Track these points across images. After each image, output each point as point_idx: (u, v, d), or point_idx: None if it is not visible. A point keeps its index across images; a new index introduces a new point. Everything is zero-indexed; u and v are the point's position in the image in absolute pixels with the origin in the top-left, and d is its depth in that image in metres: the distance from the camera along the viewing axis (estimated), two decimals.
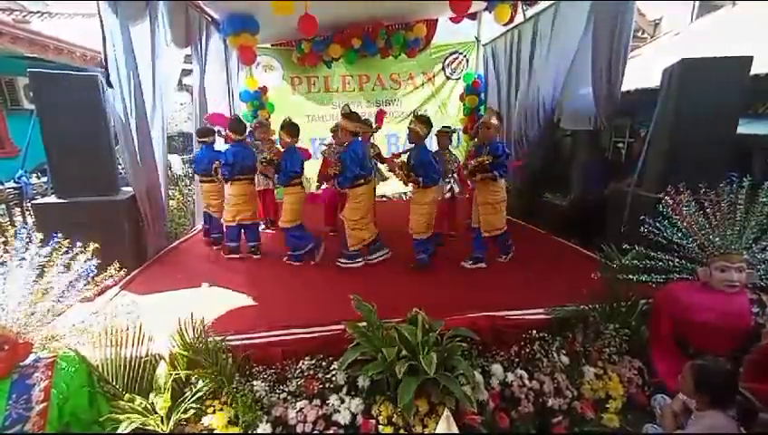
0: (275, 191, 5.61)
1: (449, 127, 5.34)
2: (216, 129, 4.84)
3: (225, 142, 4.76)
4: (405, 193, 7.44)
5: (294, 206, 4.08)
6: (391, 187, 7.31)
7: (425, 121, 3.80)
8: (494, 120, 3.79)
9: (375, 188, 4.69)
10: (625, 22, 3.92)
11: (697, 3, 8.24)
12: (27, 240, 2.12)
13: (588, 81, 4.48)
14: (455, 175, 4.85)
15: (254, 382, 2.38)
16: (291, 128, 4.05)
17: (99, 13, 3.48)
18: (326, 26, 6.27)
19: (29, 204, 4.93)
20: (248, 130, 4.86)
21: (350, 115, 3.87)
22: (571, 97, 5.00)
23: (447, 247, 4.50)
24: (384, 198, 6.00)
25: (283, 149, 4.26)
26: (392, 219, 5.65)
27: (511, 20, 5.66)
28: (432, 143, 4.77)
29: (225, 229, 4.45)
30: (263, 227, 5.44)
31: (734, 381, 1.91)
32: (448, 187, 4.79)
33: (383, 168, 5.46)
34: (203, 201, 4.98)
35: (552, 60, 5.34)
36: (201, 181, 4.84)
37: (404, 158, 4.15)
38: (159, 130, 4.47)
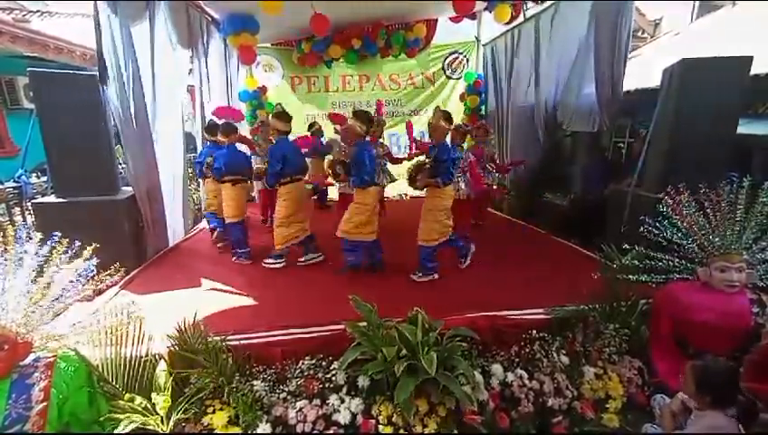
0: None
1: (467, 124, 5.32)
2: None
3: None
4: (406, 194, 7.44)
5: (229, 202, 4.20)
6: (397, 188, 7.32)
7: (363, 118, 3.63)
8: (441, 123, 3.50)
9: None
10: (625, 21, 3.92)
11: (697, 3, 8.24)
12: (27, 240, 2.12)
13: (589, 81, 4.48)
14: (466, 174, 4.59)
15: (254, 382, 2.38)
16: (223, 128, 4.32)
17: (95, 11, 3.47)
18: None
19: (29, 203, 4.93)
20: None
21: (280, 115, 4.01)
22: (575, 98, 4.96)
23: (446, 248, 4.49)
24: (386, 199, 6.02)
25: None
26: (393, 220, 5.68)
27: (512, 20, 5.67)
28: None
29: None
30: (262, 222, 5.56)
31: (735, 381, 1.91)
32: (457, 186, 4.49)
33: (392, 168, 5.48)
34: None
35: (553, 60, 5.34)
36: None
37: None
38: (172, 129, 4.54)
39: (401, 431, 2.23)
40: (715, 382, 1.86)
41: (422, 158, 4.09)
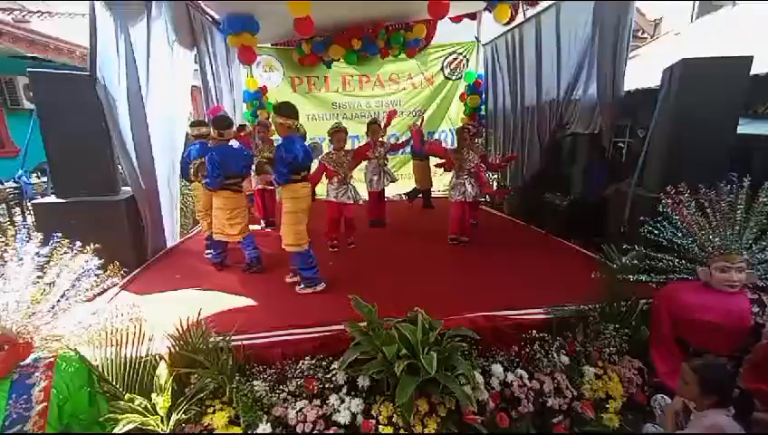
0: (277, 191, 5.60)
1: (472, 124, 5.28)
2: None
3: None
4: (403, 194, 7.45)
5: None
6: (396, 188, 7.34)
7: (196, 123, 3.80)
8: (274, 119, 3.26)
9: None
10: (626, 21, 3.92)
11: (697, 3, 8.24)
12: (27, 240, 2.12)
13: (591, 81, 4.47)
14: (471, 175, 4.45)
15: (255, 382, 2.38)
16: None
17: (91, 10, 3.46)
18: (326, 27, 6.28)
19: (29, 204, 4.93)
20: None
21: (194, 123, 4.45)
22: (578, 99, 4.93)
23: (446, 249, 4.50)
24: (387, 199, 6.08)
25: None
26: (394, 221, 5.69)
27: (511, 20, 5.67)
28: None
29: None
30: (261, 226, 5.53)
31: (734, 377, 1.91)
32: (463, 188, 4.43)
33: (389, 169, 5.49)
34: None
35: (555, 60, 5.33)
36: None
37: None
38: (172, 129, 4.58)
39: (401, 431, 2.23)
40: (719, 383, 1.85)
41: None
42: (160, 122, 4.38)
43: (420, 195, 6.80)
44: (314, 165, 4.09)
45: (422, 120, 5.45)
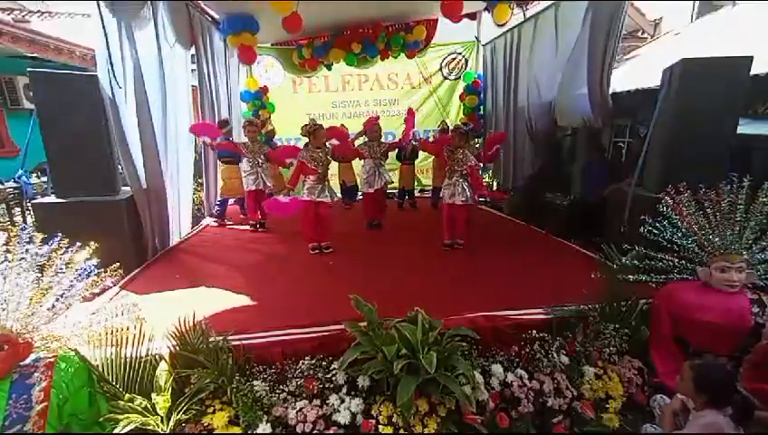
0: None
1: (467, 124, 5.24)
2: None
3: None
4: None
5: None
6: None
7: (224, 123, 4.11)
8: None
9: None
10: (618, 21, 3.93)
11: (697, 3, 8.24)
12: (27, 240, 2.12)
13: (580, 80, 4.47)
14: (464, 176, 4.27)
15: (255, 382, 2.38)
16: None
17: (99, 13, 3.48)
18: (326, 26, 6.29)
19: (29, 203, 4.93)
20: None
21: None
22: (572, 98, 4.93)
23: (446, 249, 4.49)
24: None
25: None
26: (393, 220, 5.69)
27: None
28: None
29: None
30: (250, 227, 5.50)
31: (732, 381, 1.91)
32: (454, 189, 4.29)
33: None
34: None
35: (552, 60, 5.34)
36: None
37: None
38: (178, 129, 4.65)
39: (401, 431, 2.23)
40: (713, 382, 1.85)
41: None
42: (162, 122, 4.38)
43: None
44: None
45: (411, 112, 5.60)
